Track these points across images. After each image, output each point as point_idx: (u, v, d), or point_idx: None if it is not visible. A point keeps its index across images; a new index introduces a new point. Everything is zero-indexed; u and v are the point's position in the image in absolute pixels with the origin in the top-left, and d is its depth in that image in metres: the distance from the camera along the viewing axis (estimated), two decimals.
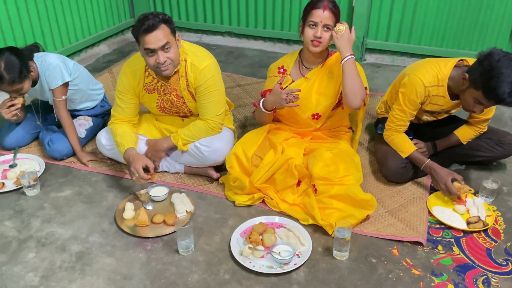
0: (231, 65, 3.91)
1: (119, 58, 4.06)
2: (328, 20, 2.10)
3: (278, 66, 2.35)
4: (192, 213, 2.13)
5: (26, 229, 2.06)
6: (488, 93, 1.94)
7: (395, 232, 2.03)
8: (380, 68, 3.85)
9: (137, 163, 2.12)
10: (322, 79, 2.26)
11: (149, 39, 1.99)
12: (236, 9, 4.23)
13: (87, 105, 2.69)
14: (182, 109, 2.33)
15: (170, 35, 2.05)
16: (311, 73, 2.27)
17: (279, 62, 2.37)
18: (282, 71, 2.32)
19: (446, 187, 2.16)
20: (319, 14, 2.09)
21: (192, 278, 1.81)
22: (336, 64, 2.23)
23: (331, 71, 2.25)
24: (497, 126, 2.64)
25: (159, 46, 2.01)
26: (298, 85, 2.26)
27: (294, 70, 2.31)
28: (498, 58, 1.89)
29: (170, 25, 2.05)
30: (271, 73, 2.36)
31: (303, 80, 2.27)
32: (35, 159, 2.53)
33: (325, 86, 2.25)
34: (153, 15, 2.00)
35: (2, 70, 2.19)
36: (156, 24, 1.98)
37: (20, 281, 1.80)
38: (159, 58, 2.03)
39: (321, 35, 2.11)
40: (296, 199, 2.18)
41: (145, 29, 1.98)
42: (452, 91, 2.17)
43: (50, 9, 3.55)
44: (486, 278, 1.82)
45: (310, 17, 2.11)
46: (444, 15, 3.62)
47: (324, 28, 2.11)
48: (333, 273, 1.84)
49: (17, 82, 2.26)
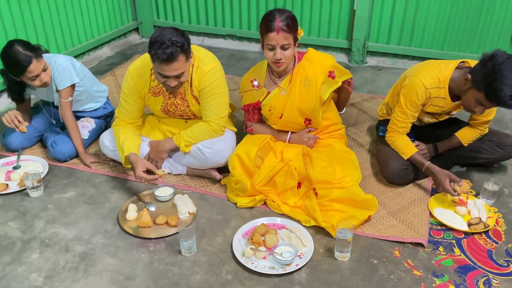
0: (233, 67, 3.93)
1: (122, 61, 4.08)
2: (285, 40, 2.07)
3: (250, 79, 2.35)
4: (194, 214, 2.15)
5: (30, 230, 2.08)
6: (490, 95, 1.95)
7: (396, 234, 2.03)
8: (381, 71, 3.86)
9: (138, 169, 2.13)
10: (300, 89, 2.25)
11: (165, 68, 1.99)
12: (238, 12, 4.25)
13: (91, 106, 2.71)
14: (185, 112, 2.35)
15: (186, 63, 2.04)
16: (285, 82, 2.27)
17: (249, 74, 2.38)
18: (257, 84, 2.33)
19: (443, 189, 2.17)
20: (274, 37, 2.06)
21: (194, 279, 1.82)
22: (310, 68, 2.24)
23: (307, 78, 2.24)
24: (498, 128, 2.64)
25: (173, 74, 2.02)
26: (275, 96, 2.29)
27: (266, 81, 2.33)
28: (501, 60, 1.90)
29: (187, 53, 2.02)
30: (246, 87, 2.38)
31: (278, 90, 2.29)
32: (38, 161, 2.54)
33: (305, 96, 2.25)
34: (173, 43, 1.93)
35: (22, 51, 2.24)
36: (176, 56, 1.95)
37: (24, 281, 1.81)
38: (170, 83, 2.06)
39: (281, 56, 2.10)
40: (297, 201, 2.19)
41: (163, 59, 1.94)
42: (453, 92, 2.18)
43: (53, 12, 3.57)
44: (487, 279, 1.82)
45: (266, 40, 2.10)
46: (445, 18, 3.63)
47: (283, 48, 2.09)
48: (334, 274, 1.84)
49: (40, 58, 2.31)
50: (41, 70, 2.32)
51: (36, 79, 2.34)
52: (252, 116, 2.45)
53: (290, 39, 2.09)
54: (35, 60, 2.27)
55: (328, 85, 2.27)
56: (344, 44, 4.00)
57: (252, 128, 2.45)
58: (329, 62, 2.28)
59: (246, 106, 2.41)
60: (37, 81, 2.35)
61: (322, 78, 2.25)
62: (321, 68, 2.25)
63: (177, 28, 2.03)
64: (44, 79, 2.36)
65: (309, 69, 2.25)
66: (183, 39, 1.99)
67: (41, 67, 2.32)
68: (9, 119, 2.44)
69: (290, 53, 2.12)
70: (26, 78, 2.32)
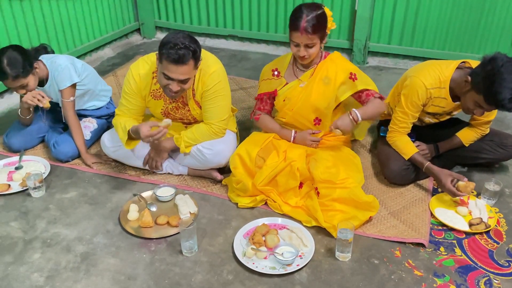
0: (234, 68, 3.94)
1: (124, 61, 4.09)
2: (309, 40, 2.07)
3: (272, 69, 2.36)
4: (195, 214, 2.15)
5: (32, 230, 2.08)
6: (489, 98, 1.95)
7: (397, 234, 2.04)
8: (382, 71, 3.86)
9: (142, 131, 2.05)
10: (318, 85, 2.25)
11: (172, 69, 1.97)
12: (239, 12, 4.26)
13: (95, 104, 2.71)
14: (186, 116, 2.35)
15: (193, 70, 2.04)
16: (305, 75, 2.28)
17: (272, 64, 2.39)
18: (277, 74, 2.34)
19: (446, 189, 2.17)
20: (298, 36, 2.08)
21: (195, 279, 1.82)
22: (332, 67, 2.24)
23: (327, 76, 2.25)
24: (500, 128, 2.64)
25: (179, 79, 2.01)
26: (292, 87, 2.29)
27: (288, 71, 2.33)
28: (501, 63, 1.90)
29: (196, 61, 2.02)
30: (266, 75, 2.39)
31: (297, 82, 2.29)
32: (40, 161, 2.55)
33: (322, 92, 2.25)
34: (186, 46, 1.93)
35: (5, 66, 2.22)
36: (187, 59, 1.95)
37: (25, 281, 1.82)
38: (173, 86, 2.04)
39: (304, 53, 2.11)
40: (299, 201, 2.19)
41: (173, 59, 1.94)
42: (454, 92, 2.18)
43: (55, 13, 3.58)
44: (488, 279, 1.82)
45: (291, 36, 2.11)
46: (446, 18, 3.63)
47: (308, 46, 2.10)
48: (335, 274, 1.85)
49: (21, 77, 2.28)
50: (17, 87, 2.32)
51: (18, 90, 2.35)
52: (264, 106, 2.44)
53: (315, 39, 2.09)
54: (10, 79, 2.26)
55: (347, 86, 2.24)
56: (345, 44, 4.00)
57: (260, 118, 2.43)
58: (352, 66, 2.28)
59: (261, 95, 2.41)
60: (20, 91, 2.37)
61: (342, 77, 2.23)
62: (342, 69, 2.25)
63: (190, 35, 2.02)
64: (21, 93, 2.37)
65: (331, 68, 2.25)
66: (196, 46, 1.99)
67: (17, 85, 2.30)
68: (31, 96, 2.38)
69: (315, 51, 2.13)
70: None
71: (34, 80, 2.37)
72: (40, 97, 2.38)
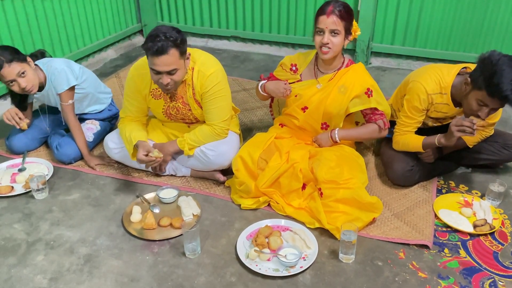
0: (237, 69, 3.93)
1: (126, 63, 4.10)
2: (334, 25, 2.07)
3: (291, 63, 2.36)
4: (198, 216, 2.15)
5: (35, 232, 2.09)
6: (492, 90, 1.93)
7: (401, 235, 2.03)
8: (385, 72, 3.85)
9: (139, 152, 2.16)
10: (334, 92, 2.24)
11: (156, 62, 1.98)
12: (242, 13, 4.25)
13: (96, 108, 2.72)
14: (187, 116, 2.35)
15: (179, 60, 2.03)
16: (324, 78, 2.26)
17: (294, 58, 2.37)
18: (294, 69, 2.34)
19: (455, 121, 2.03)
20: (324, 20, 2.08)
21: (198, 281, 1.82)
22: (351, 77, 2.23)
23: (344, 85, 2.23)
24: (504, 129, 2.63)
25: (165, 70, 2.01)
26: (307, 85, 2.27)
27: (306, 70, 2.32)
28: (498, 57, 1.93)
29: (180, 49, 2.01)
30: (285, 66, 2.38)
31: (314, 82, 2.27)
32: (43, 163, 2.56)
33: (335, 100, 2.24)
34: (166, 37, 1.95)
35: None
36: (166, 48, 1.95)
37: (29, 284, 1.82)
38: (163, 80, 2.04)
39: (328, 41, 2.10)
40: (302, 203, 2.18)
41: (154, 51, 1.95)
42: (455, 98, 2.17)
43: (58, 15, 3.59)
44: (493, 281, 1.81)
45: (317, 23, 2.12)
46: (449, 18, 3.62)
47: (332, 34, 2.09)
48: (339, 276, 1.84)
49: (16, 61, 2.26)
50: (15, 75, 2.26)
51: (13, 85, 2.30)
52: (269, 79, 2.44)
53: (341, 26, 2.08)
54: (6, 65, 2.23)
55: (360, 100, 2.23)
56: (348, 45, 3.91)
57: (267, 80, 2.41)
58: (372, 81, 2.26)
59: (273, 76, 2.42)
60: (15, 86, 2.31)
61: (358, 90, 2.21)
62: (360, 82, 2.23)
63: (175, 27, 2.03)
64: (23, 85, 2.30)
65: (350, 78, 2.23)
66: (177, 35, 1.99)
67: (14, 72, 2.26)
68: (9, 116, 2.45)
69: (338, 42, 2.11)
70: (3, 83, 2.32)
71: (32, 74, 2.34)
72: (18, 119, 2.42)
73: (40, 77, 2.42)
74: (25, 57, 2.34)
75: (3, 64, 2.23)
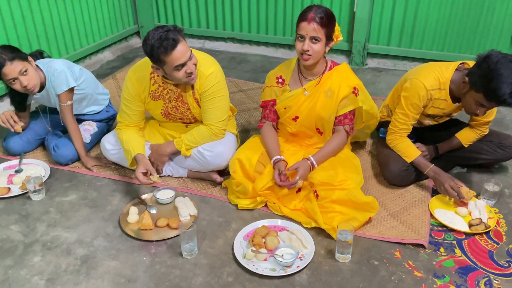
0: (234, 70, 3.94)
1: (123, 64, 4.10)
2: (315, 32, 2.03)
3: (276, 76, 2.31)
4: (195, 216, 2.15)
5: (32, 233, 2.09)
6: (489, 95, 1.95)
7: (397, 235, 2.04)
8: (381, 73, 3.87)
9: (137, 170, 2.15)
10: (320, 97, 2.22)
11: (176, 55, 1.98)
12: (239, 15, 4.26)
13: (94, 109, 2.72)
14: (186, 115, 2.35)
15: (188, 46, 2.05)
16: (310, 85, 2.23)
17: (276, 71, 2.34)
18: (281, 81, 2.30)
19: (445, 189, 2.17)
20: (305, 27, 2.04)
21: (195, 281, 1.82)
22: (336, 80, 2.21)
23: (330, 88, 2.21)
24: (499, 129, 2.65)
25: (187, 57, 2.02)
26: (295, 95, 2.25)
27: (292, 79, 2.29)
28: (496, 59, 1.90)
29: (182, 35, 2.04)
30: (270, 82, 2.33)
31: (302, 90, 2.25)
32: (40, 164, 2.56)
33: (324, 105, 2.22)
34: (166, 31, 1.95)
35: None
36: (176, 38, 1.97)
37: (26, 285, 1.82)
38: (190, 67, 2.05)
39: (308, 48, 2.06)
40: (298, 204, 2.19)
41: (170, 46, 1.95)
42: (453, 94, 2.18)
43: (55, 16, 3.59)
44: (488, 280, 1.82)
45: (298, 29, 2.08)
46: (445, 19, 3.64)
47: (312, 41, 2.06)
48: (335, 275, 1.85)
49: (18, 59, 2.26)
50: (17, 73, 2.26)
51: (15, 83, 2.30)
52: (268, 114, 2.37)
53: (321, 33, 2.04)
54: (8, 62, 2.23)
55: (349, 101, 2.22)
56: (344, 46, 4.01)
57: (263, 126, 2.36)
58: (357, 80, 2.24)
59: (265, 102, 2.36)
60: (17, 84, 2.31)
61: (346, 91, 2.19)
62: (347, 83, 2.20)
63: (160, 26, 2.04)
64: (25, 83, 2.29)
65: (336, 80, 2.21)
66: (168, 26, 2.00)
67: (16, 70, 2.25)
68: (4, 119, 2.46)
69: (319, 49, 2.07)
70: (5, 81, 2.32)
71: (33, 73, 2.34)
72: (12, 122, 2.42)
73: (40, 77, 2.42)
74: (26, 56, 2.35)
75: (5, 62, 2.23)
